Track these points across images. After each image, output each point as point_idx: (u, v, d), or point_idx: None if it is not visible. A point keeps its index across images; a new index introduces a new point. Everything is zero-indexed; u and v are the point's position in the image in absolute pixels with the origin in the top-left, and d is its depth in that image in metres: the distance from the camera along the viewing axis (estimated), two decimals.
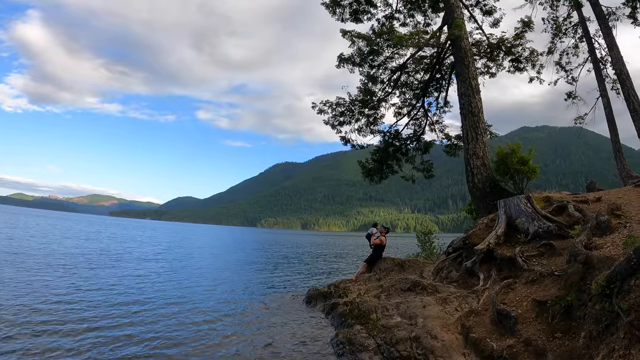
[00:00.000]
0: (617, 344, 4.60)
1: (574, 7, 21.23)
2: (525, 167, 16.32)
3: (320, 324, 9.32)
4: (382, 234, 14.93)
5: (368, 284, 11.92)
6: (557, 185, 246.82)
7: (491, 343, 5.89)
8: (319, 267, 25.38)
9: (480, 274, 9.21)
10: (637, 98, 16.58)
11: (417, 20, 23.89)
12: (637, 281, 4.84)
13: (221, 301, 12.08)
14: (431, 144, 23.84)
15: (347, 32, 19.72)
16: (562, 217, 9.70)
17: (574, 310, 5.65)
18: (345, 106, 21.81)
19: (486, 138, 17.12)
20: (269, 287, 15.54)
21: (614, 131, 18.49)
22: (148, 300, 11.41)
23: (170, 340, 7.77)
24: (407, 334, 6.82)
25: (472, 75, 17.31)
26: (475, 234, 10.93)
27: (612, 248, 6.53)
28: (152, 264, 19.21)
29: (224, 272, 19.17)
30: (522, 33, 19.65)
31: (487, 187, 15.96)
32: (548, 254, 8.19)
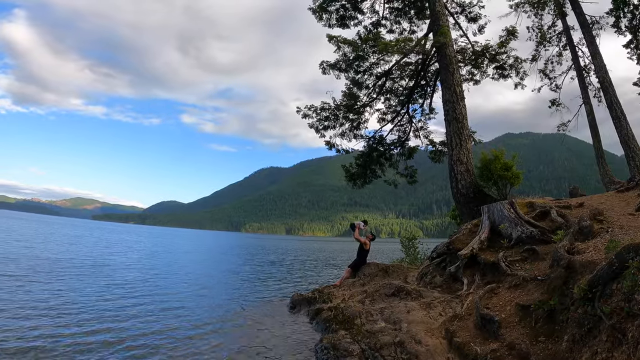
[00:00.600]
0: (600, 347, 4.64)
1: (558, 16, 21.67)
2: (509, 173, 16.47)
3: (304, 329, 9.24)
4: (368, 239, 14.91)
5: (352, 289, 11.88)
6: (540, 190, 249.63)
7: (475, 347, 5.90)
8: (303, 272, 25.27)
9: (464, 278, 9.25)
10: (620, 105, 16.95)
11: (403, 27, 24.17)
12: (618, 285, 4.89)
13: (203, 307, 11.90)
14: (415, 150, 23.99)
15: (334, 37, 19.80)
16: (545, 222, 9.80)
17: (557, 314, 5.69)
18: (329, 111, 21.87)
19: (470, 144, 17.28)
20: (253, 292, 15.40)
21: (596, 138, 18.87)
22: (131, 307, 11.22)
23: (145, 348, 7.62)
24: (391, 339, 6.80)
25: (456, 82, 17.48)
26: (459, 239, 10.98)
27: (594, 253, 6.60)
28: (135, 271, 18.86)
29: (208, 277, 18.95)
30: (506, 41, 19.93)
31: (470, 193, 16.10)
32: (531, 259, 8.26)
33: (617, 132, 16.84)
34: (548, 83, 24.05)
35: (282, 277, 21.46)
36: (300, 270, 26.63)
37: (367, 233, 15.29)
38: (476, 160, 17.56)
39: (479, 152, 18.12)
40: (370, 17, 23.70)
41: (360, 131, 23.15)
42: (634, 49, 22.13)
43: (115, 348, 7.40)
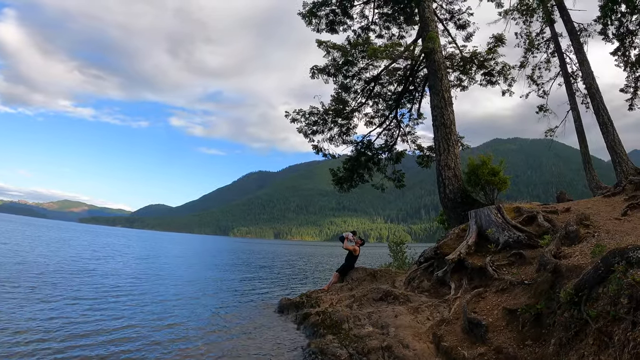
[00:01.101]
0: (587, 351, 4.66)
1: (546, 23, 21.91)
2: (496, 178, 16.58)
3: (292, 334, 9.19)
4: (357, 244, 14.91)
5: (340, 294, 11.87)
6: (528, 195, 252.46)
7: (462, 351, 5.90)
8: (290, 276, 25.21)
9: (452, 283, 9.27)
10: (607, 112, 17.17)
11: (392, 33, 24.24)
12: (604, 289, 4.92)
13: (191, 311, 11.80)
14: (403, 154, 24.03)
15: (323, 42, 19.80)
16: (531, 227, 9.87)
17: (544, 318, 5.72)
18: (318, 115, 21.83)
19: (458, 149, 17.36)
20: (241, 296, 15.31)
21: (583, 143, 19.08)
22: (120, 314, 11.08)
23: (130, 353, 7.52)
24: (379, 343, 6.79)
25: (444, 88, 17.56)
26: (447, 244, 11.02)
27: (581, 257, 6.65)
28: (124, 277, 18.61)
29: (196, 282, 18.77)
30: (494, 47, 20.07)
31: (458, 198, 16.16)
32: (518, 263, 8.31)
33: (604, 137, 17.04)
34: (536, 89, 24.32)
35: (270, 281, 21.39)
36: (288, 274, 26.56)
37: (356, 239, 15.30)
38: (464, 166, 17.65)
39: (467, 158, 18.22)
40: (359, 22, 23.78)
41: (349, 136, 23.16)
42: (621, 56, 22.49)
43: (97, 351, 7.31)
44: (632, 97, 22.70)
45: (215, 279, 20.65)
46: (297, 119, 21.95)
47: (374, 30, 24.16)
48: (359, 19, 23.66)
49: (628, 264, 4.87)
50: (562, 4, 19.64)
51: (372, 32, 24.13)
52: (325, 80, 21.92)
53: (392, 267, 19.35)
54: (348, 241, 14.76)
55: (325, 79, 21.86)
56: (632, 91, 22.61)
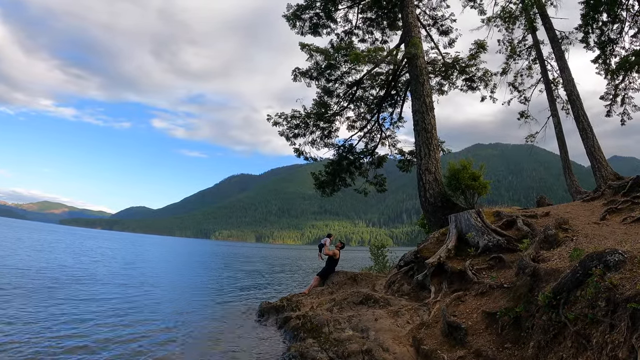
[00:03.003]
0: (565, 353, 4.69)
1: (529, 31, 22.25)
2: (476, 183, 16.73)
3: (272, 338, 9.11)
4: (337, 248, 14.89)
5: (321, 297, 11.81)
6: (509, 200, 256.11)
7: (442, 355, 5.89)
8: (271, 280, 25.07)
9: (432, 286, 9.28)
10: (587, 118, 17.47)
11: (375, 37, 24.40)
12: (582, 292, 4.96)
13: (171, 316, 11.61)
14: (384, 159, 24.13)
15: (306, 45, 19.80)
16: (511, 231, 9.97)
17: (523, 321, 5.74)
18: (300, 119, 21.81)
19: (439, 154, 17.47)
20: (221, 300, 15.13)
21: (563, 149, 19.38)
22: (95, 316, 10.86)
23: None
24: (359, 347, 6.74)
25: (426, 93, 17.67)
26: (427, 248, 11.05)
27: (559, 261, 6.71)
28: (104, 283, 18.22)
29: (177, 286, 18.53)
30: (476, 54, 20.31)
31: (438, 202, 16.25)
32: (497, 267, 8.36)
33: (584, 143, 17.35)
34: (517, 95, 24.67)
35: (251, 285, 21.23)
36: (269, 278, 26.41)
37: (335, 242, 15.27)
38: (445, 170, 17.76)
39: (448, 162, 18.35)
40: (343, 26, 23.89)
41: (331, 139, 23.19)
42: (601, 64, 22.96)
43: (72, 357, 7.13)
44: (611, 103, 23.18)
45: (195, 282, 20.42)
46: (279, 122, 21.90)
47: (357, 34, 24.30)
48: (343, 22, 23.78)
49: (606, 268, 4.92)
50: (544, 12, 19.97)
51: (355, 36, 24.27)
52: (307, 84, 21.93)
53: (373, 270, 19.36)
54: (327, 246, 14.76)
55: (307, 82, 21.87)
56: (611, 98, 23.09)
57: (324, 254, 14.70)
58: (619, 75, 22.32)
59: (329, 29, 23.58)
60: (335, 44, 23.39)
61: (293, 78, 21.74)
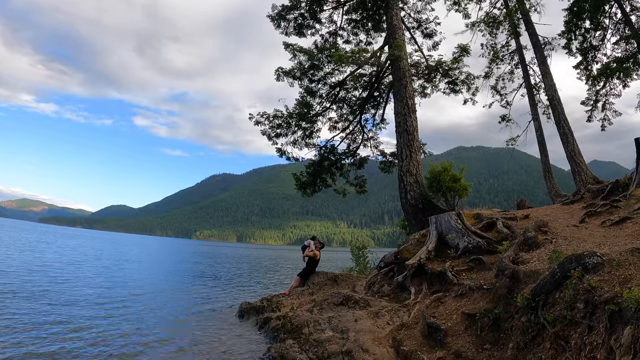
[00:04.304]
0: (544, 354, 4.71)
1: (512, 36, 22.55)
2: (457, 185, 16.85)
3: (252, 338, 9.01)
4: (317, 249, 14.86)
5: (301, 298, 11.77)
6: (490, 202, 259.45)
7: (422, 356, 5.88)
8: (252, 280, 24.91)
9: (412, 288, 9.28)
10: (567, 123, 17.76)
11: (359, 39, 24.48)
12: (561, 294, 5.00)
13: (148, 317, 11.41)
14: (366, 160, 24.23)
15: (290, 45, 19.76)
16: (491, 233, 10.03)
17: (502, 322, 5.76)
18: (282, 119, 21.77)
19: (420, 156, 17.55)
20: (201, 301, 14.92)
21: (544, 152, 19.68)
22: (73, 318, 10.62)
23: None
24: (338, 348, 6.70)
25: (409, 95, 17.75)
26: (407, 249, 11.06)
27: (538, 263, 6.76)
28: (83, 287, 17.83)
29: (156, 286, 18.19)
30: (459, 57, 20.46)
31: (419, 204, 16.32)
32: (477, 269, 8.40)
33: (564, 147, 17.64)
34: (499, 99, 24.96)
35: (232, 285, 21.06)
36: (250, 278, 26.26)
37: (316, 243, 15.26)
38: (426, 172, 17.85)
39: (429, 164, 18.45)
40: (327, 27, 23.94)
41: (312, 140, 23.19)
42: (583, 70, 23.43)
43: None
44: (592, 109, 23.62)
45: (175, 282, 20.17)
46: (261, 122, 21.83)
47: (341, 35, 24.36)
48: (328, 23, 23.84)
49: (584, 270, 4.96)
50: (528, 18, 20.27)
51: (339, 37, 24.33)
52: (290, 84, 21.88)
53: (354, 271, 19.37)
54: (310, 248, 14.73)
55: (290, 82, 21.82)
56: (592, 104, 23.53)
57: (304, 255, 14.66)
58: (600, 82, 22.76)
59: (314, 30, 23.63)
60: (320, 44, 23.42)
61: (276, 78, 21.67)
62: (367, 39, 24.49)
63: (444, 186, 17.01)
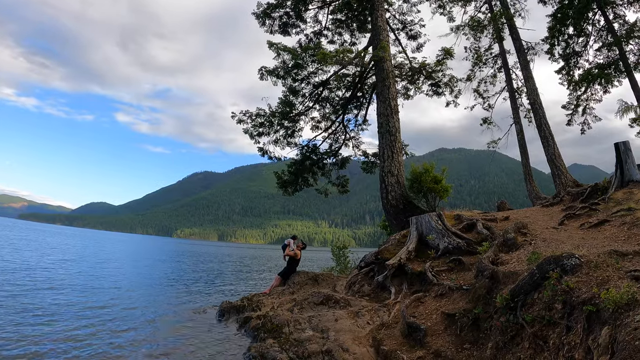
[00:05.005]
0: (523, 354, 4.76)
1: (496, 40, 22.82)
2: (438, 186, 16.95)
3: (232, 338, 8.93)
4: (299, 248, 14.82)
5: (281, 298, 11.71)
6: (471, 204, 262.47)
7: (402, 355, 5.89)
8: (233, 279, 24.74)
9: (392, 288, 9.31)
10: (549, 126, 18.04)
11: (344, 39, 24.49)
12: (540, 295, 5.06)
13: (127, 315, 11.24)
14: (348, 160, 24.26)
15: (274, 44, 19.68)
16: (471, 234, 10.12)
17: (481, 322, 5.81)
18: (265, 117, 21.67)
19: (402, 157, 17.63)
20: (182, 300, 14.74)
21: (525, 155, 19.97)
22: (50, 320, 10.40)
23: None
24: (319, 347, 6.69)
25: (392, 96, 17.81)
26: (387, 249, 11.11)
27: (517, 264, 6.83)
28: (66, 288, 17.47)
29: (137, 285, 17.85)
30: (443, 60, 20.59)
31: (400, 204, 16.39)
32: (457, 269, 8.46)
33: (545, 151, 17.90)
34: (481, 102, 25.22)
35: (213, 284, 20.89)
36: (231, 277, 26.07)
37: (297, 242, 15.21)
38: (408, 173, 17.93)
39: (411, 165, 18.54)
40: (312, 27, 23.90)
41: (295, 139, 23.13)
42: (565, 75, 23.84)
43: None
44: (573, 113, 24.03)
45: (155, 282, 19.90)
46: (243, 120, 21.69)
47: (326, 35, 24.33)
48: (313, 23, 23.79)
49: (562, 271, 5.03)
50: (512, 22, 20.52)
51: (324, 37, 24.30)
52: (274, 83, 21.79)
53: (334, 271, 19.37)
54: (289, 248, 14.68)
55: (274, 81, 21.72)
56: (573, 108, 23.95)
57: (285, 254, 14.61)
58: (581, 87, 23.18)
59: (299, 29, 23.57)
60: (304, 43, 23.37)
61: (260, 76, 21.55)
62: (352, 40, 24.55)
63: (425, 187, 17.09)
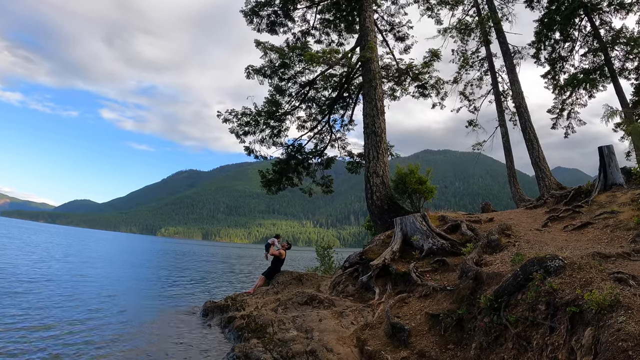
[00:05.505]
0: (506, 354, 4.79)
1: (483, 43, 23.03)
2: (423, 187, 17.02)
3: (216, 338, 8.87)
4: (284, 248, 14.77)
5: (265, 297, 11.66)
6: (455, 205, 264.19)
7: (386, 355, 5.89)
8: (217, 278, 24.58)
9: (376, 288, 9.32)
10: (533, 129, 18.25)
11: (331, 39, 24.49)
12: (523, 296, 5.09)
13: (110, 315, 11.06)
14: (333, 160, 24.25)
15: (261, 42, 19.62)
16: (455, 235, 10.17)
17: (465, 322, 5.85)
18: (250, 116, 21.57)
19: (387, 158, 17.67)
20: (165, 299, 14.56)
21: (509, 158, 20.17)
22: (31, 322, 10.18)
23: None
24: (303, 347, 6.66)
25: (378, 97, 17.85)
26: (372, 250, 11.12)
27: (501, 265, 6.88)
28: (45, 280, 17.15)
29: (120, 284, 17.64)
30: (430, 62, 20.67)
31: (385, 205, 16.42)
32: (441, 270, 8.50)
33: (529, 154, 18.12)
34: (467, 105, 25.47)
35: (197, 283, 20.73)
36: (215, 276, 25.91)
37: (282, 242, 15.17)
38: (393, 174, 17.98)
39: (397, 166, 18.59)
40: (300, 26, 23.85)
41: (280, 138, 23.07)
42: (550, 79, 24.21)
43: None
44: (557, 117, 24.39)
45: (138, 281, 19.67)
46: (229, 119, 21.58)
47: (313, 35, 24.29)
48: (300, 22, 23.74)
49: (546, 273, 5.07)
50: (499, 26, 20.75)
51: (311, 36, 24.26)
52: (260, 82, 21.67)
53: (319, 271, 19.35)
54: (274, 247, 14.63)
55: (260, 80, 21.60)
56: (558, 112, 24.29)
57: (270, 254, 14.54)
58: (566, 91, 23.56)
59: (286, 28, 23.51)
60: (291, 43, 23.32)
61: (246, 75, 21.42)
62: (339, 40, 24.55)
63: (410, 188, 17.15)
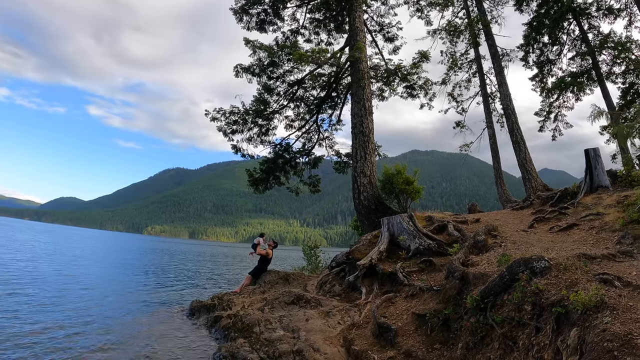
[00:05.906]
0: (493, 354, 4.82)
1: (471, 45, 23.20)
2: (410, 187, 17.10)
3: (203, 337, 8.81)
4: (270, 247, 14.74)
5: (252, 297, 11.62)
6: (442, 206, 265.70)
7: (373, 355, 5.90)
8: (203, 278, 24.43)
9: (363, 288, 9.33)
10: (520, 131, 18.43)
11: (321, 38, 24.48)
12: (509, 296, 5.13)
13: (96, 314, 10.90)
14: (321, 160, 24.23)
15: (250, 41, 19.54)
16: (442, 235, 10.22)
17: (452, 322, 5.88)
18: (238, 115, 21.46)
19: (374, 158, 17.69)
20: (152, 298, 14.38)
21: (496, 159, 20.35)
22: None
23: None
24: (289, 347, 6.64)
25: (366, 97, 17.87)
26: (359, 250, 11.13)
27: (487, 265, 6.93)
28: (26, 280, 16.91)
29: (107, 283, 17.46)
30: (419, 63, 20.73)
31: (372, 205, 16.45)
32: (428, 270, 8.54)
33: (516, 155, 18.29)
34: (455, 106, 25.66)
35: (183, 282, 20.58)
36: (201, 275, 25.77)
37: (268, 241, 15.13)
38: (380, 174, 18.02)
39: (384, 166, 18.63)
40: (290, 25, 23.79)
41: (268, 137, 23.00)
42: (538, 82, 24.46)
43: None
44: (545, 119, 24.65)
45: (124, 280, 19.47)
46: (217, 118, 21.44)
47: (303, 34, 24.27)
48: (290, 21, 23.69)
49: (532, 273, 5.11)
50: (488, 29, 20.91)
51: (301, 36, 24.23)
52: (249, 80, 21.57)
53: (306, 270, 19.32)
54: (260, 246, 14.59)
55: (249, 79, 21.50)
56: (545, 114, 24.56)
57: (257, 254, 14.50)
58: (554, 94, 23.85)
59: (276, 27, 23.44)
60: (281, 41, 23.25)
61: (235, 73, 21.31)
62: (328, 39, 24.54)
63: (397, 188, 17.22)
